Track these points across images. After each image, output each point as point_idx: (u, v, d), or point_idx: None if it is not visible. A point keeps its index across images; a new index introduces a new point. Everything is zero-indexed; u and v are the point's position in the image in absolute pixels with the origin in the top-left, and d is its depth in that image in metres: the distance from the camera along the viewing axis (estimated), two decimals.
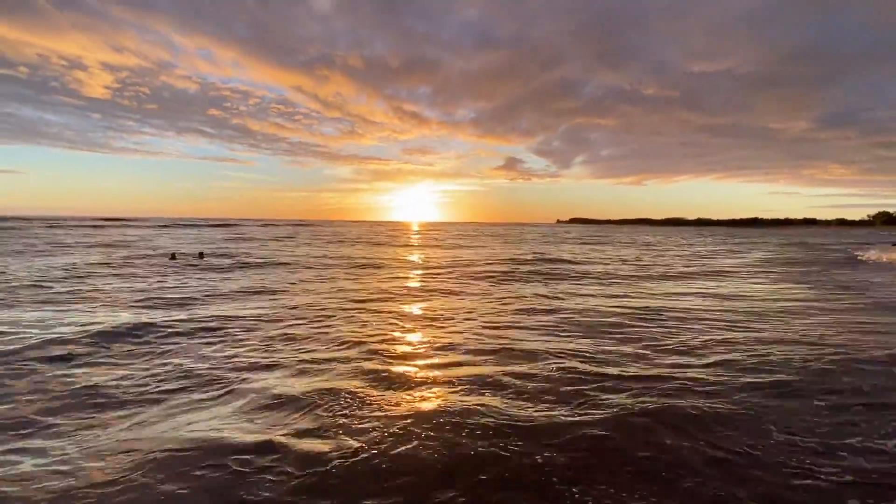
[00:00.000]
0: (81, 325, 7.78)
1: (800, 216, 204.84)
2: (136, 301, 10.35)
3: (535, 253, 27.53)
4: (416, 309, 10.10)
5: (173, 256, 20.60)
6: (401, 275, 16.85)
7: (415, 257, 25.37)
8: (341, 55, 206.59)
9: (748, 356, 6.34)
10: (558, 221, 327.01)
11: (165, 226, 71.88)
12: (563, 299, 11.44)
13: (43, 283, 12.58)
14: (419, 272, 17.93)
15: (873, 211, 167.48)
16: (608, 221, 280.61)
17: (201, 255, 21.87)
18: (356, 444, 3.80)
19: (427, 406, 4.59)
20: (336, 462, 3.55)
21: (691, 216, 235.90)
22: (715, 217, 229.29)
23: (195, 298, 10.86)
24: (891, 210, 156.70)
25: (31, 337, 7.02)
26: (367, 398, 4.80)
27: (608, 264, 21.76)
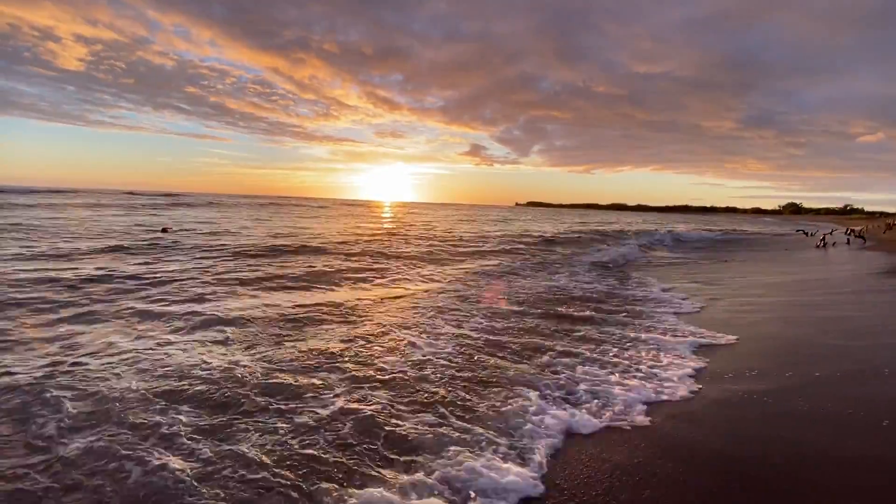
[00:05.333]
0: None
1: (723, 205, 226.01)
2: None
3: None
4: None
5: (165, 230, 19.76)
6: None
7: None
8: (317, 40, 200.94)
9: None
10: (517, 204, 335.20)
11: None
12: None
13: None
14: None
15: (783, 202, 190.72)
16: (560, 205, 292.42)
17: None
18: None
19: None
20: None
21: (632, 202, 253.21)
22: (652, 204, 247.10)
23: None
24: (797, 202, 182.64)
25: None
26: None
27: None
